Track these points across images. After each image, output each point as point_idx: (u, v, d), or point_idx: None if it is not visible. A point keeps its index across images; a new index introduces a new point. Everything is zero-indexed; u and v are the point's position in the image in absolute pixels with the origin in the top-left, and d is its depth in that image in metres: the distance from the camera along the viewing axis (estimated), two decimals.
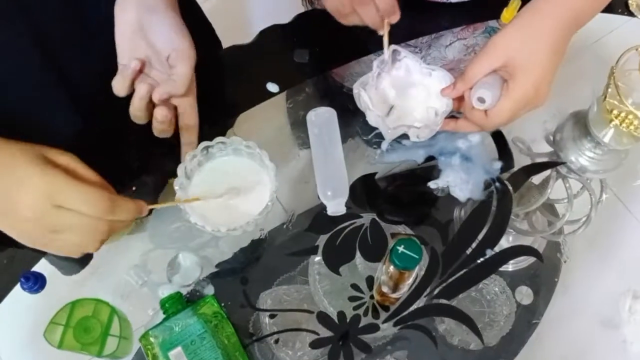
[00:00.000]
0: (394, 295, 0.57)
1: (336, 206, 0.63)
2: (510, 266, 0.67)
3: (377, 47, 0.65)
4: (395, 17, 0.62)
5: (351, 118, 0.69)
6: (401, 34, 0.66)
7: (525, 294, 0.66)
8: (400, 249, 0.51)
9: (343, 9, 0.61)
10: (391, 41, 0.63)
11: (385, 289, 0.56)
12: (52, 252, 0.49)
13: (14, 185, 0.45)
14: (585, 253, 0.70)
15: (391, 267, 0.53)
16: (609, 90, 0.58)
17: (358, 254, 0.64)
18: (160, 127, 0.58)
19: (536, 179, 0.70)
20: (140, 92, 0.55)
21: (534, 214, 0.70)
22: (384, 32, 0.63)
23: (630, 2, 0.79)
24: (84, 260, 0.62)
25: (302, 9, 0.86)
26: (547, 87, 0.59)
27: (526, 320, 0.65)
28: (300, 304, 0.62)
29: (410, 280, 0.55)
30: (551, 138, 0.66)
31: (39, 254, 0.62)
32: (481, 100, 0.59)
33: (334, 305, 0.61)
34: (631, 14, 0.79)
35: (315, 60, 0.72)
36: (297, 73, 0.71)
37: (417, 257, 0.51)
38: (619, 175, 0.69)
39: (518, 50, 0.57)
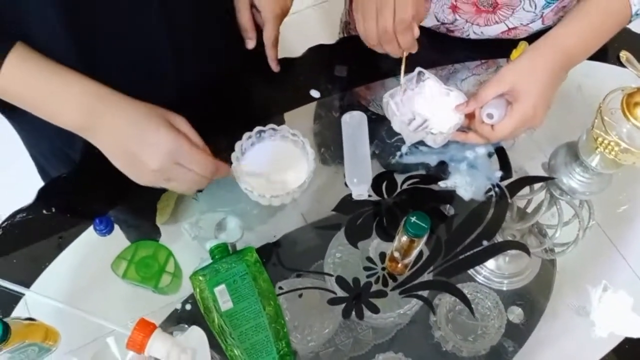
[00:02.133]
0: (404, 262, 0.69)
1: (360, 191, 0.76)
2: (504, 286, 0.76)
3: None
4: (414, 49, 0.76)
5: (377, 127, 0.83)
6: (424, 63, 0.80)
7: (516, 314, 0.74)
8: (413, 219, 0.63)
9: (371, 41, 0.75)
10: (408, 67, 0.77)
11: (396, 255, 0.68)
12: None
13: (145, 144, 0.59)
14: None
15: (404, 237, 0.65)
16: (596, 122, 0.71)
17: (374, 234, 0.76)
18: None
19: (530, 208, 0.81)
20: None
21: (529, 236, 0.79)
22: (402, 61, 0.77)
23: (621, 55, 0.93)
24: (149, 232, 0.75)
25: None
26: (543, 111, 0.73)
27: (516, 337, 0.72)
28: (321, 283, 0.72)
29: (417, 250, 0.67)
30: (547, 165, 0.78)
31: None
32: (490, 116, 0.72)
33: (351, 273, 0.73)
34: (622, 65, 0.93)
35: (352, 76, 0.86)
36: (337, 84, 0.85)
37: (425, 226, 0.63)
38: (604, 202, 0.80)
39: (522, 79, 0.72)
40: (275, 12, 0.76)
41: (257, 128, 0.73)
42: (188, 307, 0.69)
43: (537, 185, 0.81)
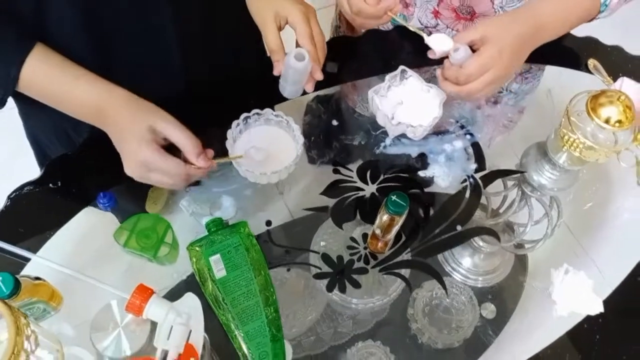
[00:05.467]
0: (384, 239, 0.75)
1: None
2: (479, 282, 0.82)
3: (388, 70, 0.86)
4: (396, 8, 0.77)
5: (363, 122, 0.89)
6: (407, 64, 0.86)
7: (489, 310, 0.79)
8: (394, 197, 0.69)
9: (357, 20, 0.79)
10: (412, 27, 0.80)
11: (377, 232, 0.74)
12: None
13: (125, 152, 0.69)
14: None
15: (385, 215, 0.71)
16: (563, 121, 0.78)
17: (358, 217, 0.82)
18: None
19: (504, 207, 0.87)
20: None
21: (502, 233, 0.85)
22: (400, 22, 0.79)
23: (589, 62, 1.01)
24: None
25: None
26: (510, 60, 0.77)
27: (488, 331, 0.78)
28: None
29: (396, 228, 0.73)
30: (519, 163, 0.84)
31: None
32: (455, 50, 0.76)
33: (335, 251, 0.79)
34: (590, 72, 1.01)
35: (341, 73, 0.93)
36: (328, 80, 0.91)
37: (405, 204, 0.69)
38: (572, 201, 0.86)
39: (493, 29, 0.77)
40: (302, 10, 0.75)
41: (243, 115, 0.78)
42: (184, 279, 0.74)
43: (510, 183, 0.87)
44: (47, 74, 0.69)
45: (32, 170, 0.87)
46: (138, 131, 0.67)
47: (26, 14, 0.68)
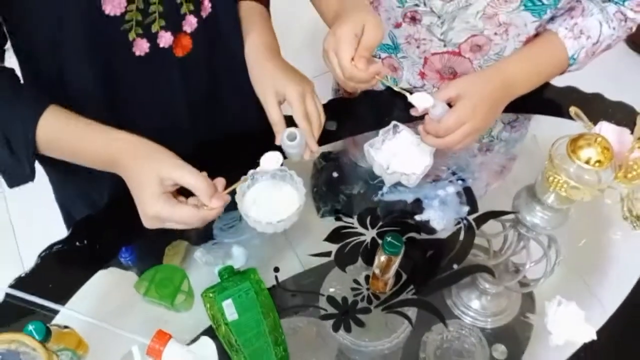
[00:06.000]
0: (384, 278, 0.80)
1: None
2: (488, 324, 0.86)
3: (382, 126, 0.93)
4: (382, 71, 0.79)
5: (362, 172, 0.97)
6: (399, 120, 0.94)
7: (500, 351, 0.82)
8: (389, 239, 0.76)
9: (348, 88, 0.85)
10: (401, 89, 0.83)
11: (377, 272, 0.80)
12: None
13: (140, 204, 0.70)
14: None
15: (382, 256, 0.77)
16: (547, 164, 0.84)
17: (360, 260, 0.88)
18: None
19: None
20: None
21: (504, 273, 0.89)
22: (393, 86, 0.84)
23: (570, 110, 1.08)
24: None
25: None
26: (484, 115, 0.83)
27: None
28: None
29: (394, 267, 0.79)
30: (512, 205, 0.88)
31: None
32: (433, 106, 0.82)
33: (340, 294, 0.84)
34: (571, 118, 1.08)
35: (340, 130, 1.02)
36: (327, 136, 1.00)
37: (399, 244, 0.75)
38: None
39: (467, 87, 0.84)
40: (298, 90, 0.81)
41: (250, 171, 0.86)
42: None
43: (507, 224, 0.91)
44: (61, 128, 0.72)
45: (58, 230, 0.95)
46: (147, 184, 0.68)
47: (46, 68, 0.75)
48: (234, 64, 0.88)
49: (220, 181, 0.73)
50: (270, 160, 0.79)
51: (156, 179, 0.68)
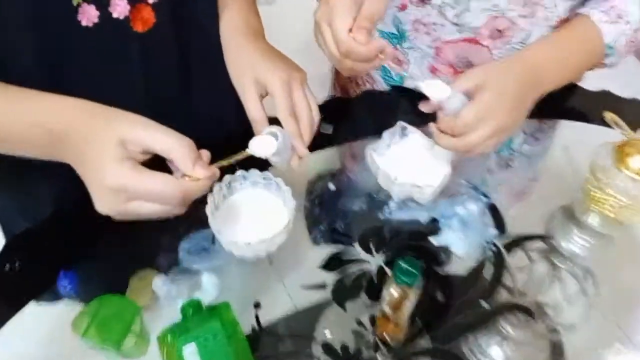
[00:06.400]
0: (396, 319, 0.62)
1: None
2: None
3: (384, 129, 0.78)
4: (387, 47, 0.66)
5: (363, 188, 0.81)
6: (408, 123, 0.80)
7: None
8: (403, 265, 0.58)
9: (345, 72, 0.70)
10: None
11: (387, 310, 0.62)
12: None
13: (90, 184, 0.52)
14: None
15: (394, 288, 0.59)
16: (589, 177, 0.69)
17: (363, 295, 0.70)
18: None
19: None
20: None
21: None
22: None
23: (605, 114, 0.93)
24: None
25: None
26: (510, 104, 0.69)
27: None
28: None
29: (410, 305, 0.61)
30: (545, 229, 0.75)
31: None
32: (450, 99, 0.68)
33: (338, 338, 0.66)
34: (608, 125, 0.93)
35: (337, 133, 0.85)
36: (323, 140, 0.84)
37: (416, 272, 0.58)
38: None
39: (489, 75, 0.69)
40: (282, 78, 0.66)
41: (227, 178, 0.69)
42: None
43: (536, 256, 0.76)
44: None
45: None
46: (103, 150, 0.51)
47: None
48: (209, 50, 0.72)
49: (205, 153, 0.56)
50: (262, 144, 0.61)
51: (117, 141, 0.51)
